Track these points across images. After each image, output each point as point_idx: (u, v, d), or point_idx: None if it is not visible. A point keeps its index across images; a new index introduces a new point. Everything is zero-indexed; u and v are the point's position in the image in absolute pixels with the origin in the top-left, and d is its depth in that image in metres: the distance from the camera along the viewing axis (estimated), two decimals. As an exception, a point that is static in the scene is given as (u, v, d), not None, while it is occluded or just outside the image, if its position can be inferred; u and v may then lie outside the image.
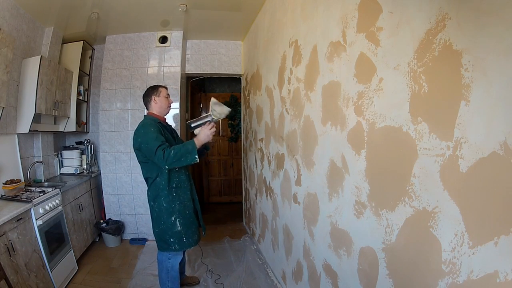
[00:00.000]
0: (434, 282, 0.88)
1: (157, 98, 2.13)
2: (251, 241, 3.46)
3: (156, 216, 2.06)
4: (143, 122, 2.05)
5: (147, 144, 1.89)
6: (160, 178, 2.02)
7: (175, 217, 2.04)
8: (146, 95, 2.17)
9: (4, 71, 2.24)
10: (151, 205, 2.09)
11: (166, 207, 2.03)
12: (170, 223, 2.03)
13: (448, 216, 0.84)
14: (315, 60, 1.68)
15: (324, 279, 1.65)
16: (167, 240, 2.05)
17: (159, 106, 2.14)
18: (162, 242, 2.09)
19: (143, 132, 1.95)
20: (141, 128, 1.99)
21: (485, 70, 0.72)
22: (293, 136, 2.07)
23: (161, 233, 2.07)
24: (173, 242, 2.05)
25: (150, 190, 2.07)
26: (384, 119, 1.11)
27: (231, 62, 4.04)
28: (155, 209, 2.06)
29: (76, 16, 3.04)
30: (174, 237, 2.05)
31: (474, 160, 0.76)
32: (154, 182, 2.03)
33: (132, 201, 3.58)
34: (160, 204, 2.03)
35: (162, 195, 2.02)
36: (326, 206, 1.61)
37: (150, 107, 2.16)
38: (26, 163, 2.84)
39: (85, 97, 3.78)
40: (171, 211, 2.03)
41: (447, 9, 0.82)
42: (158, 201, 2.03)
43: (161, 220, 2.05)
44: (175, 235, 2.05)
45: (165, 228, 2.04)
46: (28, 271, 2.02)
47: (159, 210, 2.04)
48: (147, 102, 2.16)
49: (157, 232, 2.09)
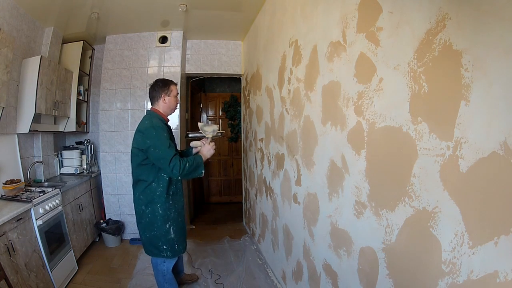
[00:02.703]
0: (434, 282, 0.88)
1: (167, 97, 2.02)
2: (251, 241, 3.46)
3: (149, 222, 1.99)
4: (152, 123, 1.91)
5: (159, 151, 1.83)
6: (156, 184, 1.95)
7: (169, 225, 2.00)
8: (155, 91, 2.02)
9: (4, 71, 2.24)
10: (142, 209, 1.99)
11: (162, 214, 1.97)
12: (164, 230, 1.98)
13: (448, 216, 0.84)
14: (315, 60, 1.68)
15: (324, 279, 1.65)
16: (159, 246, 2.01)
17: (167, 106, 2.04)
18: (152, 247, 2.03)
19: (155, 136, 1.85)
20: (152, 130, 1.86)
21: (485, 70, 0.72)
22: (293, 136, 2.07)
23: (153, 239, 2.00)
24: (166, 250, 2.01)
25: (144, 194, 1.98)
26: (384, 119, 1.11)
27: (231, 62, 4.04)
28: (147, 214, 1.98)
29: (76, 16, 3.04)
30: (166, 244, 2.00)
31: (474, 160, 0.76)
32: (149, 187, 1.95)
33: (132, 201, 3.58)
34: (154, 210, 1.96)
35: (158, 202, 1.96)
36: (326, 206, 1.61)
37: (157, 104, 2.03)
38: (26, 163, 2.83)
39: (85, 97, 3.78)
40: (166, 219, 1.98)
41: (447, 9, 0.82)
42: (153, 207, 1.96)
43: (154, 226, 1.98)
44: (168, 242, 2.00)
45: (158, 235, 1.99)
46: (28, 271, 2.02)
47: (152, 216, 1.97)
48: (155, 98, 2.03)
49: (148, 237, 2.02)
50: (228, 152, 5.29)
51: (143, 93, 3.57)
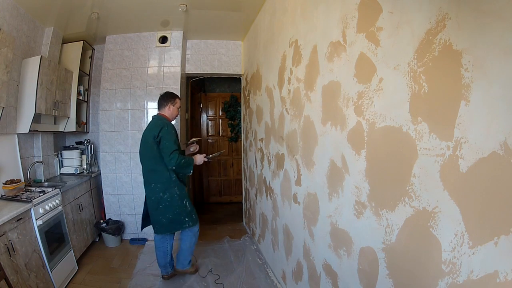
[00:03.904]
0: (434, 282, 0.88)
1: (172, 106, 2.57)
2: (251, 241, 3.46)
3: (168, 204, 2.44)
4: (163, 121, 2.45)
5: (166, 142, 2.35)
6: (169, 172, 2.43)
7: (185, 201, 2.51)
8: (164, 100, 2.55)
9: (4, 71, 2.24)
10: (160, 196, 2.43)
11: (179, 194, 2.47)
12: (183, 206, 2.49)
13: (448, 216, 0.84)
14: (315, 60, 1.68)
15: (324, 279, 1.65)
16: (182, 220, 2.50)
17: (171, 113, 2.58)
18: (175, 224, 2.50)
19: (167, 131, 2.38)
20: (165, 126, 2.39)
21: (485, 70, 0.72)
22: (293, 136, 2.07)
23: (175, 216, 2.47)
24: (187, 221, 2.51)
25: (160, 183, 2.43)
26: (384, 119, 1.11)
27: (231, 62, 4.04)
28: (166, 199, 2.43)
29: (76, 16, 3.04)
30: (187, 216, 2.51)
31: (474, 160, 0.76)
32: (165, 175, 2.42)
33: (132, 201, 3.59)
34: (173, 193, 2.44)
35: (175, 185, 2.45)
36: (326, 206, 1.61)
37: (164, 110, 2.56)
38: (26, 163, 2.84)
39: (85, 97, 3.78)
40: (182, 197, 2.49)
41: (447, 9, 0.82)
42: (170, 191, 2.44)
43: (174, 206, 2.45)
44: (188, 215, 2.51)
45: (179, 212, 2.48)
46: (28, 271, 2.02)
47: (171, 199, 2.44)
48: (163, 105, 2.56)
49: (169, 217, 2.47)
50: (228, 152, 5.28)
51: (143, 93, 3.57)
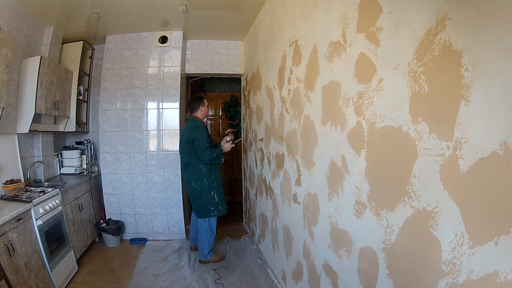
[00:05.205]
0: (434, 282, 0.88)
1: (203, 107, 2.99)
2: (251, 241, 3.46)
3: (198, 193, 2.84)
4: (195, 123, 2.85)
5: (199, 142, 2.74)
6: (201, 165, 2.83)
7: (214, 192, 2.87)
8: (195, 104, 2.97)
9: (4, 71, 2.24)
10: (192, 185, 2.85)
11: (208, 185, 2.84)
12: (210, 196, 2.85)
13: (448, 216, 0.84)
14: (315, 60, 1.68)
15: (324, 279, 1.65)
16: (208, 209, 2.85)
17: (204, 113, 3.01)
18: (203, 211, 2.86)
19: (198, 132, 2.77)
20: (196, 128, 2.80)
21: (485, 70, 0.72)
22: (293, 136, 2.07)
23: (203, 204, 2.85)
24: (213, 210, 2.86)
25: (193, 174, 2.84)
26: (384, 119, 1.11)
27: (231, 62, 4.04)
28: (196, 188, 2.84)
29: (76, 16, 3.04)
30: (214, 206, 2.87)
31: (474, 160, 0.76)
32: (197, 168, 2.82)
33: (132, 201, 3.59)
34: (202, 184, 2.83)
35: (204, 177, 2.83)
36: (326, 206, 1.61)
37: (197, 112, 2.96)
38: (26, 163, 2.84)
39: (85, 97, 3.77)
40: (210, 189, 2.85)
41: (447, 9, 0.82)
42: (200, 182, 2.83)
43: (203, 195, 2.83)
44: (214, 205, 2.87)
45: (206, 201, 2.84)
46: (28, 271, 2.02)
47: (200, 189, 2.83)
48: (195, 109, 2.97)
49: (198, 204, 2.87)
50: (228, 152, 5.27)
51: (143, 93, 3.57)
